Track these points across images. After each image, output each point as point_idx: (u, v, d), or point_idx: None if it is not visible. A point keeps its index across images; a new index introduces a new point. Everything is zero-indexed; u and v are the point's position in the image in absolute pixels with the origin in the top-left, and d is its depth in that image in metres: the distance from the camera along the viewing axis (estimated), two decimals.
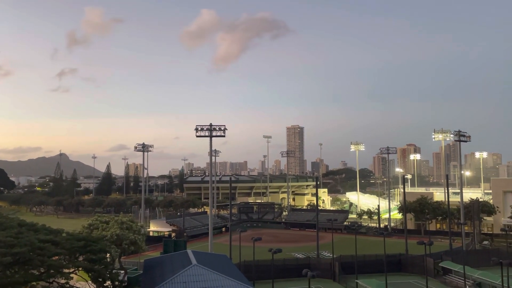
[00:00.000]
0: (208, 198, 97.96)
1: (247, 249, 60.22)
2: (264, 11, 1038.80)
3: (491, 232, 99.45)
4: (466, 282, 53.70)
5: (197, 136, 71.19)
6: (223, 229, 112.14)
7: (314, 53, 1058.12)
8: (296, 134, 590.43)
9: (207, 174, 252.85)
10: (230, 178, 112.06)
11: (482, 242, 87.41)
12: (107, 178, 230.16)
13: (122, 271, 50.10)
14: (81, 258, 38.69)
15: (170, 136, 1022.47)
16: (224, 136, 71.38)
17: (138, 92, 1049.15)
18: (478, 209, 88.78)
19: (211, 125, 70.94)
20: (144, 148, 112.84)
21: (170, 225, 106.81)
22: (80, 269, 37.77)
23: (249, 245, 56.71)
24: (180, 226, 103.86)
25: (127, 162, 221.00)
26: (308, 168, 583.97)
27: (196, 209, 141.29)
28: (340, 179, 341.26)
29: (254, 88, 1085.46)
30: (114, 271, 40.10)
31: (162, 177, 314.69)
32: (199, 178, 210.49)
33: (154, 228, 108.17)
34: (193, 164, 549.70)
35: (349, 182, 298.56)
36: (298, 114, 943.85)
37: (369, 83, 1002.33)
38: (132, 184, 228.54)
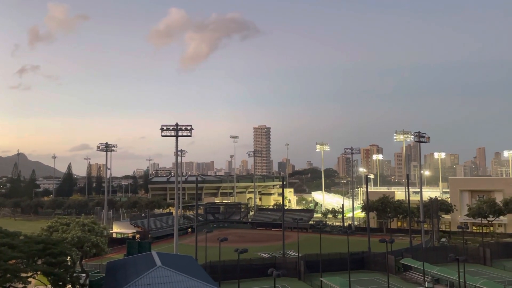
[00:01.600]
0: (173, 199, 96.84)
1: (213, 250, 59.95)
2: (234, 12, 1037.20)
3: (448, 230, 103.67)
4: (425, 278, 55.73)
5: (162, 136, 70.25)
6: (189, 230, 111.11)
7: (282, 54, 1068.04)
8: (263, 134, 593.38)
9: (173, 174, 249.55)
10: (197, 178, 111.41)
11: (440, 240, 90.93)
12: (68, 179, 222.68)
13: (84, 274, 48.78)
14: (40, 262, 37.28)
15: (135, 135, 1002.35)
16: (190, 136, 70.76)
17: (103, 90, 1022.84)
18: (436, 207, 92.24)
19: (177, 124, 70.12)
20: (107, 147, 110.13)
21: (134, 226, 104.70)
22: (39, 273, 36.42)
23: (215, 246, 56.48)
24: (145, 227, 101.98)
25: (89, 162, 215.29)
26: (275, 168, 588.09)
27: (161, 210, 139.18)
28: (306, 179, 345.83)
29: (222, 88, 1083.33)
30: (75, 274, 38.97)
31: (126, 177, 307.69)
32: (164, 179, 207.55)
33: (117, 229, 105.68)
34: (158, 164, 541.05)
35: (315, 181, 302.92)
36: (266, 115, 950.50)
37: (335, 84, 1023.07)
38: (94, 185, 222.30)
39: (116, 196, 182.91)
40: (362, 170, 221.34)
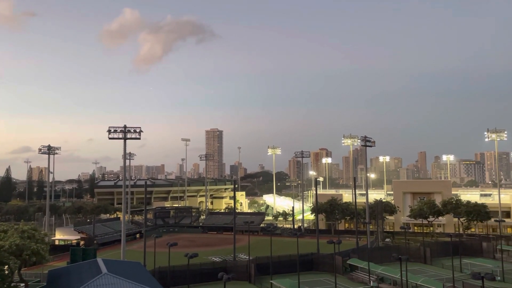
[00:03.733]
0: (121, 204, 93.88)
1: (162, 255, 58.69)
2: (190, 15, 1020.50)
3: (392, 230, 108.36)
4: (370, 278, 57.87)
5: (109, 138, 67.95)
6: (138, 235, 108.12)
7: (236, 58, 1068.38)
8: (215, 137, 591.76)
9: (120, 178, 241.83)
10: (146, 182, 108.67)
11: (385, 240, 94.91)
12: (7, 183, 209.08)
13: (23, 284, 46.18)
14: None
15: (82, 138, 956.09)
16: (139, 138, 68.96)
17: (49, 90, 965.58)
18: (381, 209, 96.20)
19: (125, 127, 68.13)
20: (50, 150, 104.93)
21: (79, 232, 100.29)
22: None
23: (165, 251, 55.35)
24: (90, 233, 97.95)
25: (30, 166, 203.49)
26: (227, 171, 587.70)
27: (108, 215, 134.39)
28: (258, 182, 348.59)
29: (175, 91, 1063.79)
30: (12, 284, 36.57)
31: (70, 181, 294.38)
32: (112, 183, 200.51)
33: (60, 236, 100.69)
34: (105, 168, 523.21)
35: (266, 184, 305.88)
36: (218, 118, 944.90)
37: (286, 88, 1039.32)
38: (35, 190, 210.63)
39: (59, 201, 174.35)
40: (312, 173, 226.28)
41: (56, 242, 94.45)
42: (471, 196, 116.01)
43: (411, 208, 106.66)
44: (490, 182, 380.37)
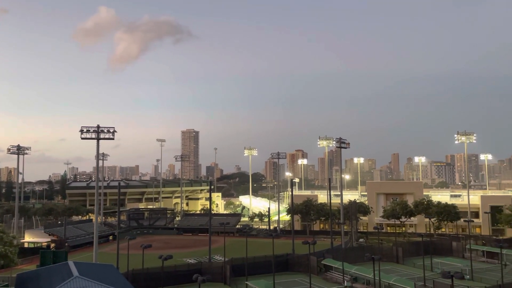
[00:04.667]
0: (94, 205, 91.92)
1: (136, 258, 57.76)
2: (168, 15, 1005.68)
3: (366, 231, 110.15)
4: (344, 277, 58.61)
5: (82, 138, 66.50)
6: (111, 237, 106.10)
7: (213, 59, 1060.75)
8: (191, 138, 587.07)
9: (93, 179, 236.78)
10: (119, 183, 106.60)
11: (359, 240, 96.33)
12: None
13: None
14: None
15: (54, 138, 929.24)
16: (113, 138, 67.74)
17: (20, 89, 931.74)
18: (355, 209, 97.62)
19: (98, 126, 66.81)
20: (19, 150, 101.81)
21: (49, 235, 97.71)
22: None
23: (139, 253, 54.53)
24: (61, 235, 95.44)
25: None
26: (203, 172, 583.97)
27: (80, 217, 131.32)
28: (234, 183, 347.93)
29: (151, 91, 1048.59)
30: None
31: (41, 182, 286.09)
32: (84, 184, 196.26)
33: (30, 239, 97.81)
34: (78, 168, 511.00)
35: (242, 186, 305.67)
36: (194, 119, 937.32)
37: (263, 90, 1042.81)
38: (4, 191, 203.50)
39: (29, 202, 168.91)
40: (288, 174, 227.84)
41: (26, 245, 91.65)
42: (441, 197, 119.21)
43: (384, 209, 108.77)
44: (460, 183, 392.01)
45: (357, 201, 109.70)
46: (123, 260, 58.03)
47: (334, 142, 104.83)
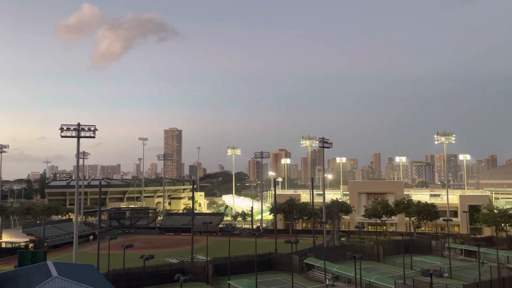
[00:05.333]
0: (74, 204, 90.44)
1: (117, 258, 57.03)
2: (152, 13, 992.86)
3: (348, 230, 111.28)
4: (326, 276, 59.11)
5: (62, 137, 65.22)
6: (91, 237, 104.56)
7: (198, 58, 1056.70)
8: (174, 137, 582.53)
9: (73, 178, 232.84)
10: (100, 182, 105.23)
11: (340, 239, 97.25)
12: None
13: None
14: None
15: (34, 136, 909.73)
16: (94, 137, 66.63)
17: (0, 86, 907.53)
18: (337, 209, 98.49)
19: (79, 125, 65.66)
20: None
21: (28, 234, 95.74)
22: None
23: (120, 253, 53.85)
24: (40, 235, 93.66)
25: None
26: (186, 171, 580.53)
27: (59, 216, 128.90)
28: (217, 182, 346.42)
29: (134, 89, 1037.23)
30: None
31: (19, 181, 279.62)
32: (64, 183, 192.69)
33: (7, 239, 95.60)
34: (57, 167, 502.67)
35: (226, 185, 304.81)
36: (177, 118, 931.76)
37: (247, 89, 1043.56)
38: None
39: (6, 202, 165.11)
40: (271, 173, 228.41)
41: (3, 245, 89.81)
42: (421, 196, 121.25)
43: (365, 208, 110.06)
44: (439, 183, 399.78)
45: (339, 200, 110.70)
46: (104, 260, 57.28)
47: (317, 142, 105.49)
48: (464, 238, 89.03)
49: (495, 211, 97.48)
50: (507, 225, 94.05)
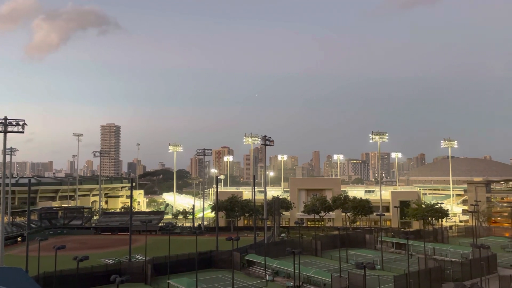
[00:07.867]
0: None
1: (48, 260, 53.94)
2: (94, 4, 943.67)
3: (288, 225, 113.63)
4: (266, 272, 59.97)
5: None
6: (19, 238, 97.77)
7: (139, 53, 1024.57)
8: (111, 133, 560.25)
9: None
10: (29, 180, 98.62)
11: (281, 235, 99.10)
12: None
13: None
14: None
15: None
16: (22, 132, 62.33)
17: None
18: (278, 205, 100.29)
19: (6, 118, 61.10)
20: None
21: None
22: None
23: (51, 255, 50.92)
24: None
25: None
26: (124, 169, 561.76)
27: None
28: (158, 180, 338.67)
29: (71, 83, 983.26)
30: None
31: None
32: None
33: None
34: None
35: (167, 183, 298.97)
36: (116, 113, 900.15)
37: (190, 86, 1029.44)
38: None
39: None
40: (213, 171, 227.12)
41: None
42: (357, 192, 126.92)
43: (305, 204, 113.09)
44: (373, 180, 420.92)
45: (280, 197, 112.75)
46: (34, 263, 53.96)
47: (259, 139, 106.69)
48: (395, 231, 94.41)
49: (423, 206, 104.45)
50: (433, 219, 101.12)
